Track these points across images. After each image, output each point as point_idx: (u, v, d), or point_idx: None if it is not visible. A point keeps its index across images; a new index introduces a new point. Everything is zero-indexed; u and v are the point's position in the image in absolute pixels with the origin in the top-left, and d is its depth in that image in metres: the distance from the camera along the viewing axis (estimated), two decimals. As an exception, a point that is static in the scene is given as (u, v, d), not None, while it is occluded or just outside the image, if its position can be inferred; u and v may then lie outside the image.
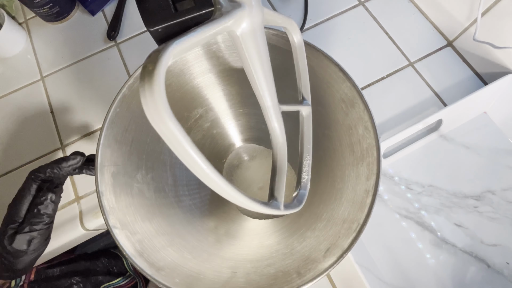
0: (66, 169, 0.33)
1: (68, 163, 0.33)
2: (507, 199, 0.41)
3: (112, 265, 0.52)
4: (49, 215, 0.31)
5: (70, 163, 0.33)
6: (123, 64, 0.51)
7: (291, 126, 0.29)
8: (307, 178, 0.28)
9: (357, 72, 0.47)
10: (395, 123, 0.44)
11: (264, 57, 0.21)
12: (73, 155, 0.34)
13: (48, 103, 0.50)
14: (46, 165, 0.32)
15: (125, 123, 0.32)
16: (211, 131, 0.43)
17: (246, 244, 0.37)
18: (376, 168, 0.27)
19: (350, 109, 0.30)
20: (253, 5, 0.18)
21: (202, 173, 0.15)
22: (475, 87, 0.45)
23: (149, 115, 0.13)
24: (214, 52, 0.34)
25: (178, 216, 0.35)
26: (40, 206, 0.30)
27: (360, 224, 0.27)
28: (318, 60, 0.31)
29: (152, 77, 0.13)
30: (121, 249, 0.27)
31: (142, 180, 0.33)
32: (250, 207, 0.18)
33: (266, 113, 0.24)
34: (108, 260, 0.52)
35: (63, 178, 0.34)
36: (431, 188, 0.42)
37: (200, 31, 0.16)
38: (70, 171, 0.34)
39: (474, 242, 0.40)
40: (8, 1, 0.55)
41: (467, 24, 0.44)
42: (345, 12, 0.52)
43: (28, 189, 0.31)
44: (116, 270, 0.51)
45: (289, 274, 0.29)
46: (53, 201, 0.31)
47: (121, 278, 0.51)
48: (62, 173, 0.33)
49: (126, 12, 0.55)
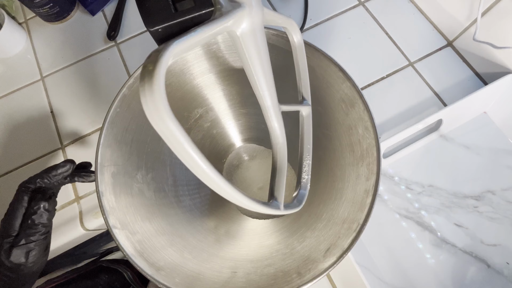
0: (56, 177, 0.32)
1: (58, 171, 0.32)
2: (507, 199, 0.41)
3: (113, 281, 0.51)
4: (45, 224, 0.30)
5: (60, 171, 0.32)
6: (123, 64, 0.51)
7: (291, 126, 0.29)
8: (307, 178, 0.28)
9: (357, 72, 0.47)
10: (395, 123, 0.44)
11: (264, 57, 0.21)
12: (63, 162, 0.33)
13: (48, 103, 0.50)
14: (36, 175, 0.32)
15: (125, 123, 0.32)
16: (211, 131, 0.43)
17: (246, 244, 0.37)
18: (376, 168, 0.27)
19: (350, 109, 0.30)
20: (253, 5, 0.18)
21: (202, 173, 0.15)
22: (475, 87, 0.45)
23: (149, 115, 0.13)
24: (214, 52, 0.34)
25: (178, 216, 0.35)
26: (34, 216, 0.29)
27: (360, 224, 0.27)
28: (318, 60, 0.31)
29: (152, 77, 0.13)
30: (121, 249, 0.27)
31: (142, 180, 0.33)
32: (250, 207, 0.18)
33: (266, 113, 0.24)
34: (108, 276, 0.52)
35: (56, 188, 0.33)
36: (431, 188, 0.42)
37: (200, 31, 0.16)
38: (61, 180, 0.33)
39: (474, 242, 0.40)
40: (8, 1, 0.55)
41: (467, 24, 0.44)
42: (345, 12, 0.52)
43: (19, 201, 0.30)
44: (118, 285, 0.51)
45: (289, 274, 0.29)
46: (46, 209, 0.30)
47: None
48: (53, 182, 0.32)
49: (126, 12, 0.55)
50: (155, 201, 0.34)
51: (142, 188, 0.33)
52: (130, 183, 0.32)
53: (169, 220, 0.34)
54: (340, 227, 0.29)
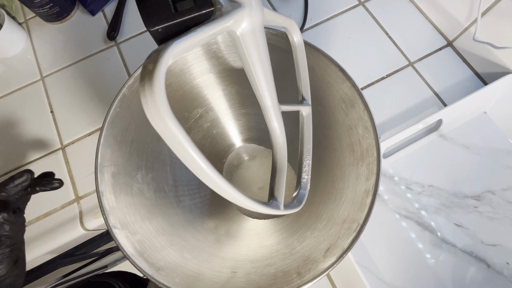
0: (14, 189, 0.31)
1: (15, 182, 0.31)
2: (507, 199, 0.41)
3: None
4: (8, 236, 0.28)
5: (17, 182, 0.31)
6: (123, 64, 0.51)
7: (291, 126, 0.29)
8: (307, 178, 0.28)
9: (357, 72, 0.47)
10: (395, 123, 0.44)
11: (264, 57, 0.21)
12: (19, 173, 0.32)
13: (48, 103, 0.50)
14: None
15: (125, 123, 0.32)
16: (211, 131, 0.43)
17: (246, 244, 0.37)
18: (376, 168, 0.27)
19: (350, 109, 0.30)
20: (253, 5, 0.18)
21: (202, 173, 0.15)
22: (475, 87, 0.45)
23: (149, 115, 0.13)
24: (214, 52, 0.34)
25: (178, 216, 0.35)
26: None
27: (360, 224, 0.27)
28: (318, 60, 0.31)
29: (152, 77, 0.13)
30: (121, 249, 0.27)
31: (142, 180, 0.33)
32: (250, 207, 0.18)
33: (266, 113, 0.24)
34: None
35: (20, 201, 0.32)
36: (431, 188, 0.42)
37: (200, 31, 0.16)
38: (20, 191, 0.32)
39: (474, 242, 0.40)
40: (8, 1, 0.55)
41: (467, 24, 0.44)
42: (345, 12, 0.52)
43: None
44: None
45: (289, 274, 0.29)
46: (6, 219, 0.28)
47: None
48: (13, 194, 0.31)
49: (126, 12, 0.55)
50: (155, 201, 0.34)
51: (142, 188, 0.33)
52: (130, 183, 0.32)
53: (169, 220, 0.34)
54: (340, 227, 0.29)
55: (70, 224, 0.42)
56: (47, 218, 0.43)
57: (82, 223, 0.42)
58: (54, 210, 0.43)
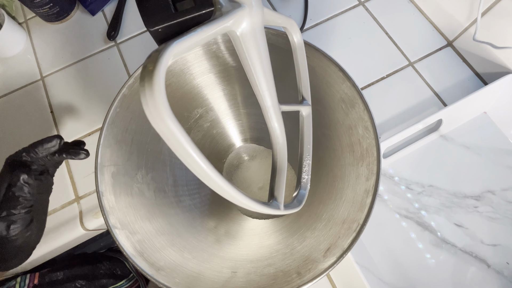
0: (42, 152, 0.31)
1: (44, 146, 0.31)
2: (507, 199, 0.41)
3: (115, 267, 0.52)
4: (25, 198, 0.29)
5: (46, 146, 0.31)
6: (123, 64, 0.51)
7: (291, 126, 0.29)
8: (307, 178, 0.28)
9: (357, 72, 0.47)
10: (395, 123, 0.44)
11: (264, 57, 0.21)
12: (49, 137, 0.32)
13: (48, 103, 0.50)
14: (22, 150, 0.31)
15: (125, 123, 0.32)
16: (211, 131, 0.43)
17: (246, 244, 0.37)
18: (376, 168, 0.27)
19: (350, 109, 0.30)
20: (253, 5, 0.18)
21: (202, 173, 0.15)
22: (475, 87, 0.45)
23: (149, 115, 0.13)
24: (214, 52, 0.34)
25: (178, 216, 0.35)
26: (13, 188, 0.28)
27: (360, 224, 0.27)
28: (318, 60, 0.31)
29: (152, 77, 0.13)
30: (121, 249, 0.27)
31: (142, 180, 0.33)
32: (250, 207, 0.18)
33: (266, 113, 0.24)
34: (110, 262, 0.52)
35: (48, 164, 0.32)
36: (431, 188, 0.42)
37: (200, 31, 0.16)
38: (49, 155, 0.32)
39: (474, 242, 0.40)
40: (8, 1, 0.55)
41: (467, 24, 0.44)
42: (345, 12, 0.52)
43: (3, 174, 0.29)
44: (120, 272, 0.51)
45: (289, 274, 0.29)
46: (26, 182, 0.29)
47: (124, 280, 0.51)
48: (41, 157, 0.31)
49: (126, 12, 0.55)
50: (155, 201, 0.34)
51: (142, 188, 0.33)
52: (130, 183, 0.32)
53: (169, 220, 0.34)
54: (340, 227, 0.29)
55: (70, 224, 0.42)
56: (47, 218, 0.43)
57: (82, 223, 0.42)
58: (54, 210, 0.43)
